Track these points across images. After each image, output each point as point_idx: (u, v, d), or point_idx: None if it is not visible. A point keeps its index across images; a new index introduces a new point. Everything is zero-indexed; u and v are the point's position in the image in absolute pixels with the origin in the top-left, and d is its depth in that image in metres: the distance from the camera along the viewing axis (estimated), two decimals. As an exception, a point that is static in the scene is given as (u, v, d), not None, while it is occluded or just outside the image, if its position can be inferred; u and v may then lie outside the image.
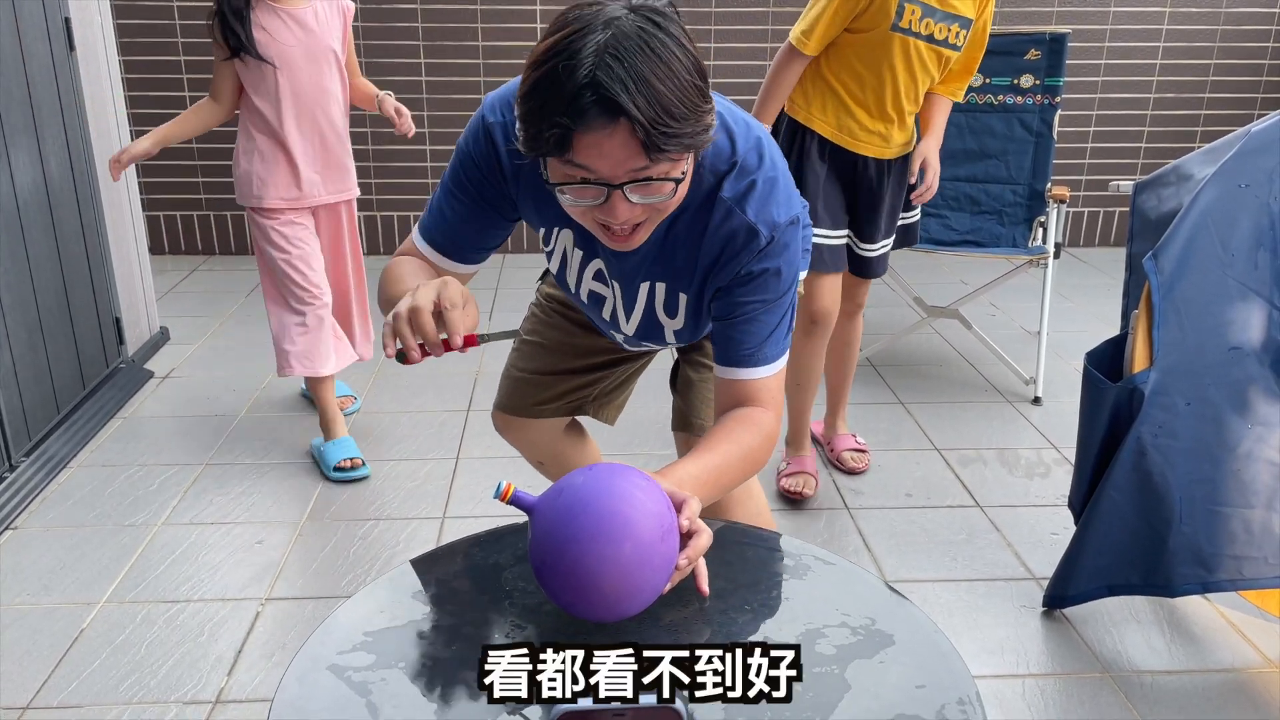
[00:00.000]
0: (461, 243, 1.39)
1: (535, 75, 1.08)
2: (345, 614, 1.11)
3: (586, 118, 1.04)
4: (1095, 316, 3.88)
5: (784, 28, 4.51)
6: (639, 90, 1.04)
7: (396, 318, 1.10)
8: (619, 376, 1.84)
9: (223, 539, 2.40)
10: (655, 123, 1.05)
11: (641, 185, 1.11)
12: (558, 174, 1.13)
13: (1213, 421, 1.94)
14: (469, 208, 1.36)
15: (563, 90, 1.04)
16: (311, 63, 2.55)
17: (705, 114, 1.10)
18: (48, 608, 2.14)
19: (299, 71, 2.54)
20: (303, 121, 2.59)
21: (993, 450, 2.86)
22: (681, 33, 1.10)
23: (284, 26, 2.51)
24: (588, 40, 1.05)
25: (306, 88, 2.56)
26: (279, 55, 2.50)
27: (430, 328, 1.10)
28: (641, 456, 2.78)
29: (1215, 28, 4.66)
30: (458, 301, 1.11)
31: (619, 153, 1.07)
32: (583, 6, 1.09)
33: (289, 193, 2.63)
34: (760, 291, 1.29)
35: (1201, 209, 1.91)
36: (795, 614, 1.12)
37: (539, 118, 1.07)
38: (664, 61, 1.06)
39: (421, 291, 1.11)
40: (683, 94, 1.07)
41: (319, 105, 2.59)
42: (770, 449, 1.31)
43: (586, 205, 1.14)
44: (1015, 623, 2.11)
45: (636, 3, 1.10)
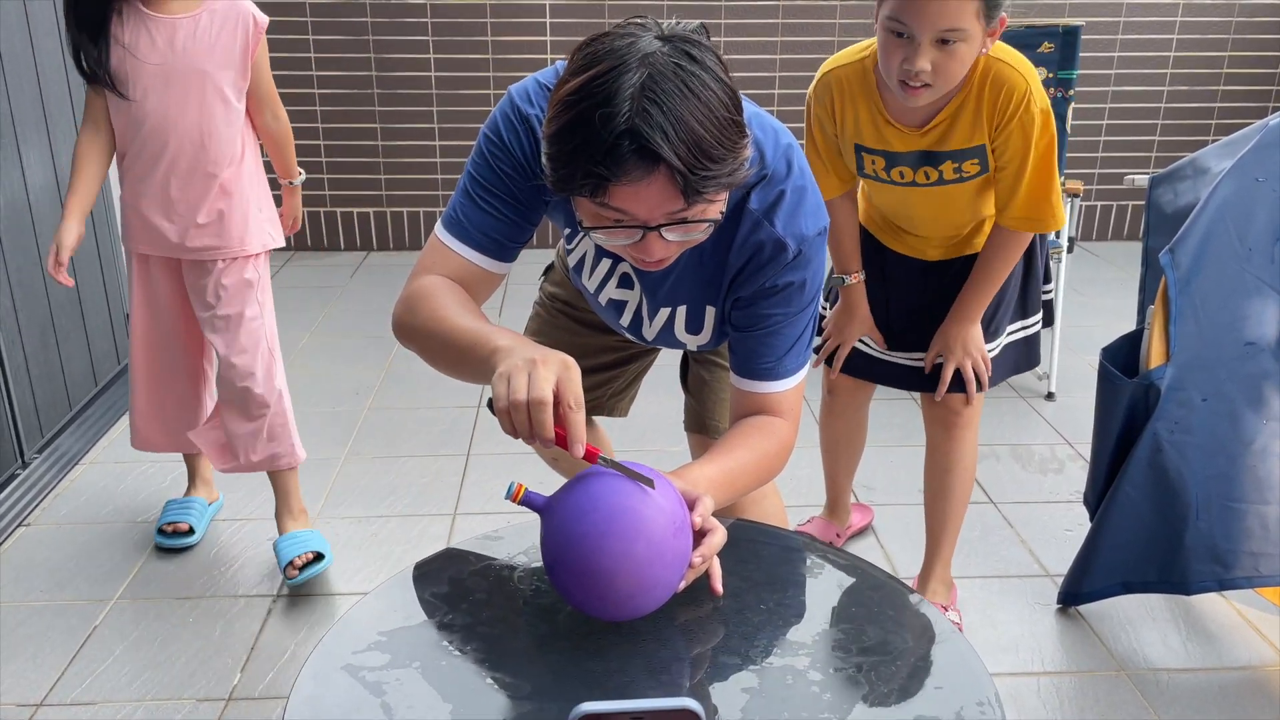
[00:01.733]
0: (500, 239, 1.28)
1: (567, 117, 1.03)
2: (359, 613, 1.11)
3: (624, 167, 1.00)
4: (1109, 311, 3.86)
5: (793, 22, 4.50)
6: (679, 137, 1.00)
7: (516, 407, 1.02)
8: (629, 375, 1.83)
9: (235, 535, 2.40)
10: (694, 168, 1.01)
11: (678, 225, 1.08)
12: (590, 214, 1.09)
13: (1228, 417, 1.93)
14: (504, 202, 1.26)
15: (599, 138, 1.00)
16: (169, 89, 2.00)
17: (742, 149, 1.07)
18: (61, 604, 2.14)
19: (151, 98, 2.00)
20: (154, 159, 2.05)
21: (1006, 446, 2.85)
22: (717, 62, 1.06)
23: (150, 42, 1.98)
24: (623, 81, 1.00)
25: (161, 120, 2.01)
26: (133, 74, 1.98)
27: (550, 431, 1.02)
28: (654, 453, 2.77)
29: (1230, 19, 4.63)
30: (582, 400, 1.04)
31: (656, 198, 1.04)
32: (614, 37, 1.04)
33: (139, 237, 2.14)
34: (784, 304, 1.27)
35: (1218, 203, 1.90)
36: (811, 614, 1.11)
37: (571, 163, 1.03)
38: (702, 101, 1.02)
39: (541, 374, 1.02)
40: (721, 134, 1.03)
41: (179, 142, 2.03)
42: (785, 458, 1.30)
43: (620, 244, 1.12)
44: (1030, 620, 2.10)
45: (669, 31, 1.06)
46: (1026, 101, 1.66)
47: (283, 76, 4.46)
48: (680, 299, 1.40)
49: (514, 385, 1.02)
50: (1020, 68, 1.68)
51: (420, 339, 1.23)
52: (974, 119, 1.69)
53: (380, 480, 2.66)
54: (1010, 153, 1.70)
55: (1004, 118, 1.67)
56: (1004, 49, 1.71)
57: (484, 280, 1.29)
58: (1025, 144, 1.68)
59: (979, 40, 1.60)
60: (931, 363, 1.91)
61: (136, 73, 1.99)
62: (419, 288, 1.26)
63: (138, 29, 1.98)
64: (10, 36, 2.61)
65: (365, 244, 4.69)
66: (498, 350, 1.10)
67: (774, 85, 4.60)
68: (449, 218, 1.29)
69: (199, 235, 2.10)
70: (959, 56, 1.58)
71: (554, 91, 1.07)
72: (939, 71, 1.59)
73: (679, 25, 1.08)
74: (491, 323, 1.19)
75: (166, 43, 2.00)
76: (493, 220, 1.27)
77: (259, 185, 2.16)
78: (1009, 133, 1.68)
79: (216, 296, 2.13)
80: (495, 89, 4.49)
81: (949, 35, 1.56)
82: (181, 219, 2.08)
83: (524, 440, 1.05)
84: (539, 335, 1.77)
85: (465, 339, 1.16)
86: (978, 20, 1.57)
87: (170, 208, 2.08)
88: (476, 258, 1.28)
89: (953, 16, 1.55)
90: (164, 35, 2.00)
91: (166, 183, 2.06)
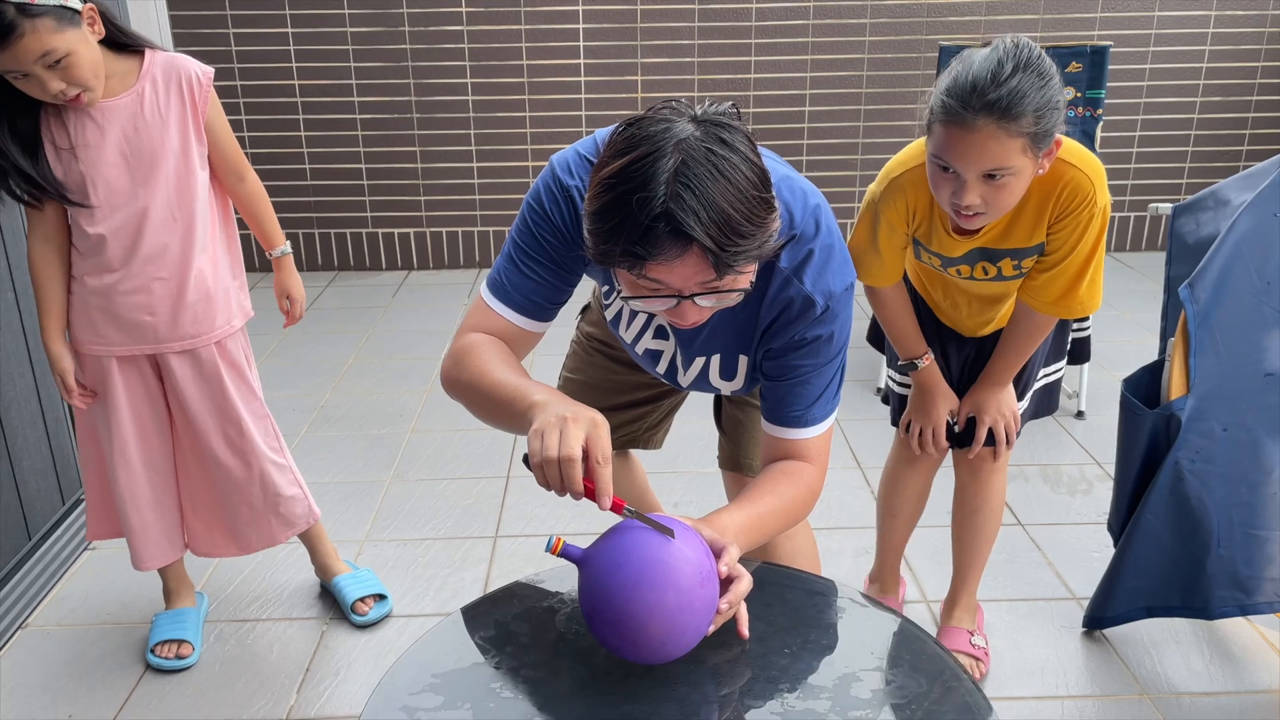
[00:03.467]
0: (540, 300, 1.39)
1: (607, 198, 1.11)
2: (414, 655, 1.20)
3: (660, 247, 1.09)
4: (1141, 326, 3.88)
5: (823, 39, 4.55)
6: (710, 218, 1.08)
7: (549, 463, 1.11)
8: (663, 410, 1.91)
9: (287, 557, 2.51)
10: (724, 245, 1.09)
11: (710, 294, 1.17)
12: (628, 283, 1.18)
13: (1249, 446, 1.97)
14: (545, 267, 1.36)
15: (636, 221, 1.08)
16: (134, 177, 1.86)
17: (770, 224, 1.15)
18: (128, 626, 2.26)
19: (116, 193, 1.86)
20: (127, 254, 1.91)
21: (1035, 466, 2.89)
22: (746, 143, 1.14)
23: (99, 135, 1.83)
24: (659, 166, 1.08)
25: (132, 213, 1.88)
26: (90, 174, 1.84)
27: (579, 485, 1.11)
28: (685, 475, 2.85)
29: (1260, 35, 4.61)
30: (609, 455, 1.13)
31: (690, 271, 1.12)
32: (650, 121, 1.12)
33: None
34: (812, 356, 1.35)
35: (1237, 238, 1.94)
36: (834, 658, 1.19)
37: (611, 240, 1.11)
38: (732, 182, 1.10)
39: (572, 432, 1.11)
40: (750, 212, 1.11)
41: (154, 230, 1.91)
42: (813, 502, 1.38)
43: (656, 309, 1.21)
44: (1055, 643, 2.16)
45: (703, 114, 1.14)
46: (1090, 202, 1.63)
47: (325, 104, 4.61)
48: (714, 349, 1.48)
49: (547, 442, 1.12)
50: (1087, 169, 1.63)
51: (465, 392, 1.34)
52: (1036, 219, 1.67)
53: (424, 503, 2.76)
54: (1059, 241, 1.68)
55: (1065, 211, 1.65)
56: (1071, 147, 1.64)
57: (524, 339, 1.40)
58: (1078, 237, 1.66)
59: (1029, 172, 1.55)
60: (964, 421, 1.93)
61: (93, 173, 1.83)
62: (465, 344, 1.36)
63: (81, 126, 1.82)
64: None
65: (406, 263, 4.82)
66: (534, 405, 1.19)
67: (802, 136, 4.66)
68: (493, 280, 1.40)
69: (188, 322, 1.96)
70: (1009, 189, 1.54)
71: (594, 171, 1.16)
72: (989, 203, 1.56)
73: (712, 107, 1.16)
74: (530, 378, 1.29)
75: (119, 131, 1.84)
76: (533, 284, 1.37)
77: (233, 252, 2.06)
78: (1064, 225, 1.66)
79: (210, 380, 2.02)
80: (531, 111, 4.60)
81: (995, 172, 1.52)
82: (165, 308, 1.94)
83: (556, 493, 1.14)
84: (577, 373, 1.86)
85: (505, 393, 1.26)
86: (1024, 155, 1.51)
87: (151, 299, 1.92)
88: (517, 319, 1.38)
89: (997, 157, 1.50)
90: (114, 123, 1.84)
91: (143, 273, 1.91)
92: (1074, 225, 1.65)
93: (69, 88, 1.74)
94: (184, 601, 2.24)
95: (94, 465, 2.12)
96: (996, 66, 1.48)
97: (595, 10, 4.49)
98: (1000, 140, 1.48)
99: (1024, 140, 1.50)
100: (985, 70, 1.48)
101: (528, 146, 4.66)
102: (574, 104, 4.60)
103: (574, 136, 4.64)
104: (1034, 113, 1.48)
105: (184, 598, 2.24)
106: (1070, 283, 1.71)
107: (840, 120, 4.66)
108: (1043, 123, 1.49)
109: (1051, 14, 4.56)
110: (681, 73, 4.58)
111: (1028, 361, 1.89)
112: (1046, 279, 1.72)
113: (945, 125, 1.52)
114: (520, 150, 4.67)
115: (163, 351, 1.98)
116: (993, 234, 1.71)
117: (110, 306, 1.93)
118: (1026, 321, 1.81)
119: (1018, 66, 1.48)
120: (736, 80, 4.60)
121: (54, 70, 1.71)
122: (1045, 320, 1.80)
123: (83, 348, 1.98)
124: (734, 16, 4.52)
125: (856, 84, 4.60)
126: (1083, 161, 1.64)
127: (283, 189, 4.69)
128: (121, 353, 1.98)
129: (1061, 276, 1.71)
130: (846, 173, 4.74)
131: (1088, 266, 1.70)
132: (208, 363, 2.01)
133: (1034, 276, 1.75)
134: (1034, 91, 1.47)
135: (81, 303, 1.95)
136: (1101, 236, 1.68)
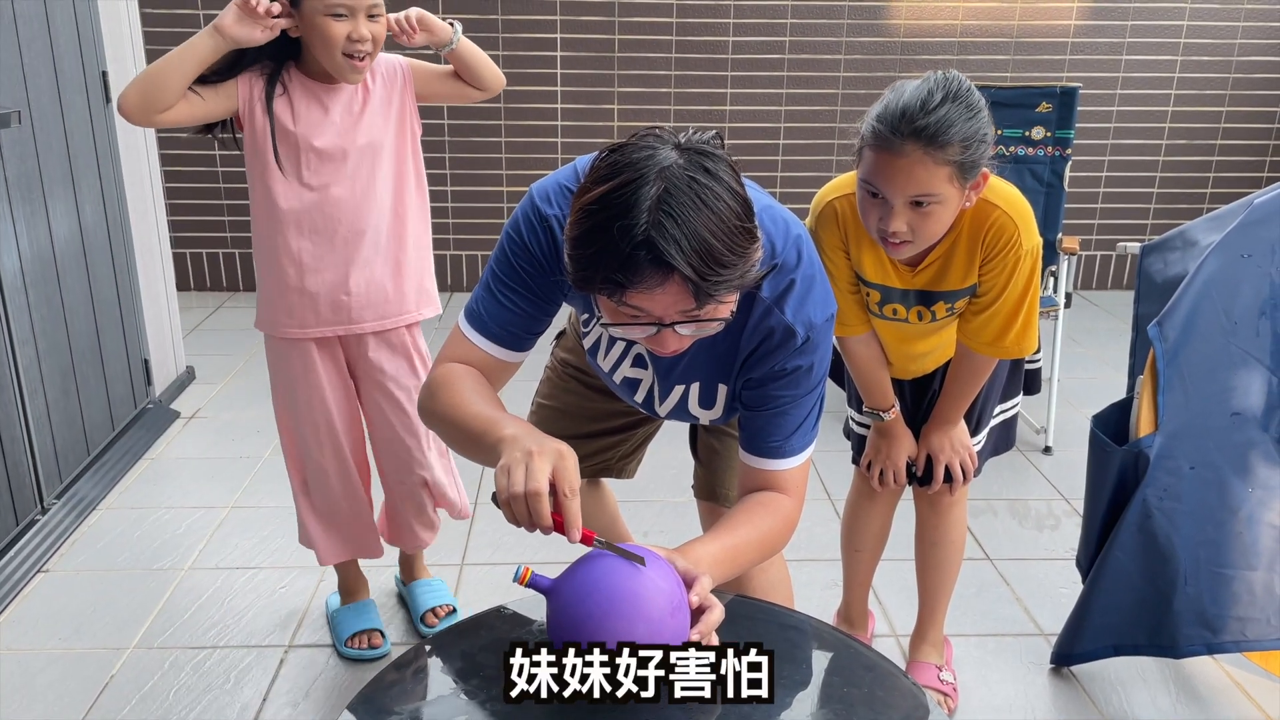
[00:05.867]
0: (517, 331, 1.37)
1: (588, 224, 1.10)
2: (379, 686, 1.17)
3: (640, 275, 1.08)
4: (1106, 362, 3.92)
5: (798, 74, 4.60)
6: (692, 248, 1.06)
7: (515, 499, 1.10)
8: (637, 439, 1.89)
9: (247, 584, 2.46)
10: (705, 275, 1.08)
11: (691, 322, 1.15)
12: (609, 310, 1.17)
13: (1216, 485, 1.98)
14: (523, 297, 1.35)
15: (617, 248, 1.07)
16: (353, 166, 1.93)
17: (752, 254, 1.14)
18: (80, 653, 2.20)
19: (343, 180, 1.94)
20: (335, 236, 1.99)
21: (1004, 501, 2.90)
22: (730, 172, 1.13)
23: (322, 116, 1.91)
24: (641, 194, 1.07)
25: (351, 198, 1.96)
26: (305, 153, 1.91)
27: (547, 520, 1.10)
28: (656, 504, 2.83)
29: (1225, 80, 4.72)
30: (577, 487, 1.11)
31: (670, 300, 1.11)
32: (635, 147, 1.11)
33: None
34: (792, 386, 1.34)
35: (1205, 278, 1.96)
36: (805, 693, 1.17)
37: (591, 267, 1.10)
38: (715, 212, 1.08)
39: (537, 466, 1.10)
40: (732, 241, 1.10)
41: (374, 219, 1.98)
42: (789, 535, 1.36)
43: (636, 337, 1.19)
44: (1024, 680, 2.15)
45: (686, 141, 1.12)
46: (1015, 244, 1.65)
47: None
48: (693, 378, 1.46)
49: (513, 478, 1.11)
50: (1011, 209, 1.65)
51: (440, 424, 1.32)
52: (968, 261, 1.69)
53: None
54: (989, 283, 1.70)
55: (991, 253, 1.67)
56: (997, 187, 1.66)
57: (501, 369, 1.37)
58: (1007, 279, 1.68)
59: (955, 201, 1.57)
60: (923, 464, 1.94)
61: (310, 153, 1.90)
62: (440, 375, 1.34)
63: (309, 102, 1.90)
64: (40, 97, 2.70)
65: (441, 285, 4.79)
66: (501, 440, 1.18)
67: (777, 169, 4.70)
68: (470, 310, 1.38)
69: (388, 303, 2.01)
70: (935, 217, 1.56)
71: (576, 197, 1.14)
72: (915, 230, 1.57)
73: (695, 135, 1.15)
74: (502, 409, 1.27)
75: (342, 117, 1.91)
76: (511, 314, 1.35)
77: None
78: (992, 266, 1.68)
79: (399, 366, 2.06)
80: (507, 137, 4.60)
81: (922, 199, 1.54)
82: (371, 289, 1.99)
83: (525, 529, 1.12)
84: (550, 399, 1.84)
85: (476, 426, 1.25)
86: (950, 184, 1.53)
87: (356, 281, 1.97)
88: (493, 349, 1.36)
89: (924, 183, 1.52)
90: (340, 107, 1.91)
91: (350, 258, 1.96)
92: (1001, 267, 1.67)
93: (366, 45, 1.84)
94: (363, 595, 2.30)
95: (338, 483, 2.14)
96: (926, 95, 1.51)
97: (572, 39, 4.51)
98: (927, 167, 1.50)
99: (950, 169, 1.52)
100: (915, 99, 1.51)
101: (502, 172, 4.66)
102: (550, 130, 4.60)
103: (550, 164, 4.65)
104: (961, 142, 1.50)
105: (362, 591, 2.30)
106: (1004, 324, 1.73)
107: (814, 154, 4.70)
108: (969, 153, 1.52)
109: (1022, 55, 4.64)
110: (658, 102, 4.61)
111: (982, 399, 1.91)
112: (981, 321, 1.75)
113: (875, 150, 1.54)
114: (495, 175, 4.66)
115: (362, 332, 2.03)
116: (926, 275, 1.72)
117: (306, 287, 1.97)
118: (968, 361, 1.82)
119: (947, 97, 1.51)
120: (713, 112, 4.63)
121: (370, 22, 1.84)
122: (985, 362, 1.81)
123: (278, 331, 2.02)
124: (710, 49, 4.56)
125: (830, 118, 4.65)
126: (1008, 204, 1.65)
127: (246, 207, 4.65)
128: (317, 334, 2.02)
129: (995, 318, 1.73)
130: (819, 205, 4.77)
131: (1020, 308, 1.72)
132: (399, 345, 2.07)
133: (969, 318, 1.77)
134: (961, 121, 1.50)
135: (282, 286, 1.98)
136: (1032, 279, 1.70)
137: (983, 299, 1.73)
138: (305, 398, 2.06)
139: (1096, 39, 4.63)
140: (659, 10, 4.50)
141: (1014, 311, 1.72)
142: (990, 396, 1.94)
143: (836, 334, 1.83)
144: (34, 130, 2.66)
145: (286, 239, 1.95)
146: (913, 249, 1.63)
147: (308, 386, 2.05)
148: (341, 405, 2.08)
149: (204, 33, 1.79)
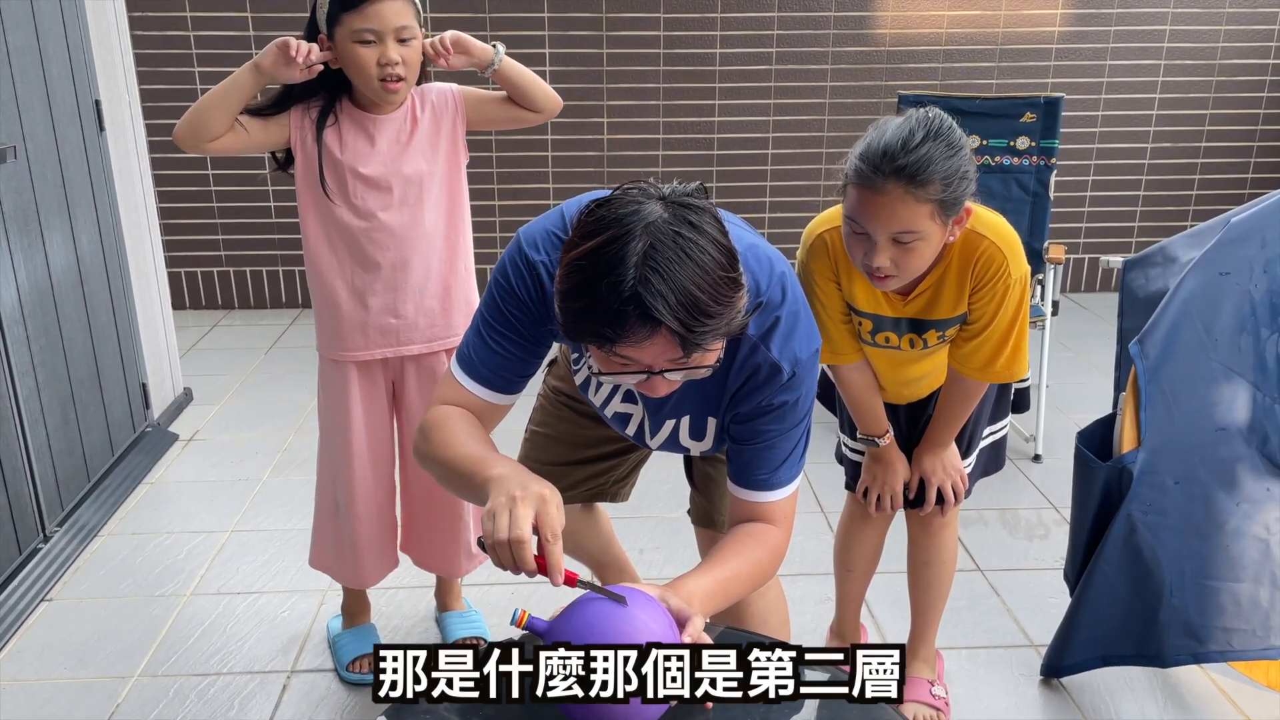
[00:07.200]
0: (507, 375, 1.41)
1: (577, 279, 1.13)
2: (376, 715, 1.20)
3: (628, 329, 1.11)
4: (1095, 367, 3.96)
5: (785, 84, 4.63)
6: (678, 301, 1.10)
7: (499, 546, 1.15)
8: (630, 463, 1.92)
9: (249, 609, 2.49)
10: (692, 327, 1.12)
11: (679, 370, 1.19)
12: (599, 359, 1.20)
13: (1201, 499, 2.02)
14: (512, 341, 1.38)
15: (605, 305, 1.10)
16: (402, 197, 1.97)
17: (737, 301, 1.17)
18: (85, 682, 2.23)
19: (391, 209, 1.97)
20: (388, 266, 2.02)
21: (994, 511, 2.94)
22: (713, 223, 1.16)
23: (369, 146, 1.94)
24: (627, 250, 1.10)
25: (400, 229, 1.99)
26: (354, 181, 1.94)
27: (530, 565, 1.14)
28: (651, 520, 2.86)
29: (1207, 97, 4.76)
30: (559, 531, 1.15)
31: (658, 350, 1.15)
32: (621, 202, 1.14)
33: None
34: (779, 421, 1.37)
35: (1184, 296, 2.00)
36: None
37: (580, 321, 1.14)
38: (700, 265, 1.12)
39: (520, 513, 1.14)
40: (717, 292, 1.13)
41: (423, 247, 2.02)
42: (778, 564, 1.40)
43: (627, 384, 1.23)
44: (1014, 691, 2.19)
45: (671, 195, 1.16)
46: (1004, 273, 1.68)
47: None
48: (683, 412, 1.50)
49: (497, 525, 1.15)
50: (999, 240, 1.68)
51: (432, 466, 1.36)
52: (958, 290, 1.72)
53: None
54: (979, 311, 1.74)
55: (980, 282, 1.70)
56: (985, 218, 1.70)
57: (491, 412, 1.41)
58: (996, 307, 1.72)
59: (938, 237, 1.60)
60: (915, 487, 1.97)
61: (357, 181, 1.93)
62: (433, 417, 1.38)
63: (357, 133, 1.93)
64: (35, 130, 2.73)
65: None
66: (489, 480, 1.22)
67: (765, 194, 4.73)
68: (461, 355, 1.41)
69: (435, 326, 2.05)
70: (918, 253, 1.59)
71: (564, 251, 1.18)
72: (899, 265, 1.60)
73: (679, 187, 1.19)
74: (492, 448, 1.31)
75: (389, 146, 1.94)
76: (500, 359, 1.39)
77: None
78: (982, 295, 1.71)
79: None
80: (499, 168, 4.62)
81: (904, 237, 1.57)
82: (420, 314, 2.03)
83: (511, 572, 1.16)
84: (544, 427, 1.87)
85: (465, 467, 1.29)
86: (933, 220, 1.56)
87: (407, 304, 2.01)
88: (484, 393, 1.40)
89: (906, 221, 1.54)
90: (387, 137, 1.94)
91: (399, 284, 1.99)
92: (991, 295, 1.71)
93: (398, 68, 1.85)
94: (365, 618, 2.32)
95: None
96: (908, 134, 1.53)
97: (561, 54, 4.54)
98: (909, 204, 1.53)
99: (932, 206, 1.55)
100: (897, 137, 1.54)
101: (495, 203, 4.69)
102: (540, 144, 4.63)
103: (538, 191, 4.68)
104: (942, 180, 1.53)
105: (364, 614, 2.32)
106: (994, 351, 1.77)
107: (801, 163, 4.73)
108: (950, 190, 1.55)
109: (1006, 63, 4.68)
110: (647, 131, 4.64)
111: (972, 422, 1.94)
112: (972, 348, 1.78)
113: (858, 188, 1.58)
114: (488, 205, 4.69)
115: (417, 353, 2.06)
116: (918, 304, 1.76)
117: (361, 314, 2.01)
118: (959, 385, 1.86)
119: (928, 135, 1.54)
120: (701, 123, 4.66)
121: (400, 46, 1.84)
122: (975, 387, 1.85)
123: (332, 353, 2.06)
124: (698, 61, 4.59)
125: (818, 128, 4.68)
126: (996, 234, 1.69)
127: (244, 226, 4.68)
128: (366, 357, 2.05)
129: (985, 345, 1.76)
130: (810, 213, 4.80)
131: (1009, 335, 1.75)
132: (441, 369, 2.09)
133: (960, 345, 1.81)
134: (942, 160, 1.53)
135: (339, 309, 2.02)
136: (1021, 307, 1.74)
137: (973, 326, 1.77)
138: (346, 421, 2.08)
139: (1080, 45, 4.67)
140: (646, 24, 4.53)
141: (1004, 338, 1.76)
142: (980, 419, 1.98)
143: (830, 362, 1.87)
144: (29, 163, 2.69)
145: (336, 265, 2.00)
146: (898, 282, 1.66)
147: (348, 409, 2.08)
148: (375, 430, 2.11)
149: (245, 69, 1.85)
